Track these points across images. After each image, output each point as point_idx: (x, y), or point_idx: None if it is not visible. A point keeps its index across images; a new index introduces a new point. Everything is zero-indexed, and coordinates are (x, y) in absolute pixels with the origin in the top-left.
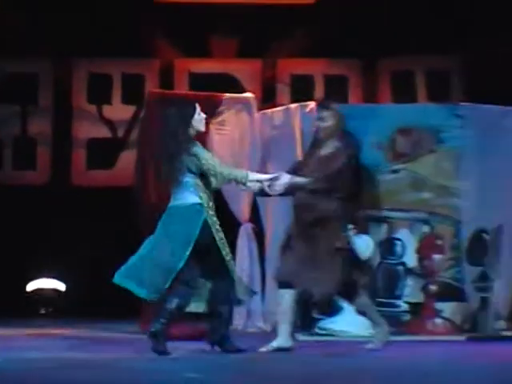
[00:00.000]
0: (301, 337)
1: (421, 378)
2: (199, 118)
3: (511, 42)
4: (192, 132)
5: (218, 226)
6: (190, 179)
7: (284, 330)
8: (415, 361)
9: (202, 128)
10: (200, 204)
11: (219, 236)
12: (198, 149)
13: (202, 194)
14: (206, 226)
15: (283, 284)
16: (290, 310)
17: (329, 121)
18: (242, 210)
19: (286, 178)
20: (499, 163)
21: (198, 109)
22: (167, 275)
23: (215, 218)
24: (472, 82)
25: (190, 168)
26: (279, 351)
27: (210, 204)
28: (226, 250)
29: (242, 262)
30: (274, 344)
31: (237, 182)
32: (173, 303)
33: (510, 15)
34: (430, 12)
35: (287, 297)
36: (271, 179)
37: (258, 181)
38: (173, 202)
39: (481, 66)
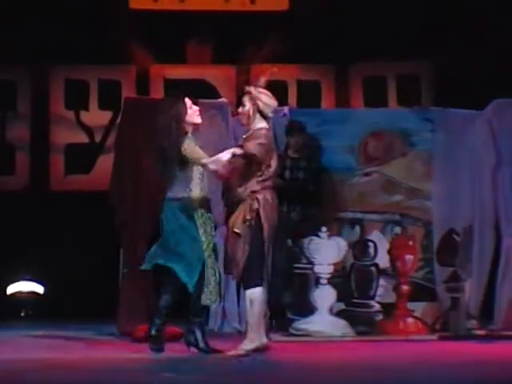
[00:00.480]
0: (276, 337)
1: (394, 376)
2: (192, 112)
3: (478, 49)
4: (187, 127)
5: (205, 220)
6: (180, 173)
7: (255, 330)
8: (388, 360)
9: (198, 120)
10: (188, 197)
11: (206, 233)
12: (187, 139)
13: (193, 188)
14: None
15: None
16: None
17: (247, 104)
18: (218, 213)
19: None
20: (468, 165)
21: (189, 103)
22: (198, 266)
23: (204, 211)
24: (441, 87)
25: (180, 160)
26: (253, 352)
27: (202, 197)
28: (208, 249)
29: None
30: (247, 345)
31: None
32: (163, 301)
33: (477, 22)
34: (401, 19)
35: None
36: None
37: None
38: (168, 195)
39: (449, 71)
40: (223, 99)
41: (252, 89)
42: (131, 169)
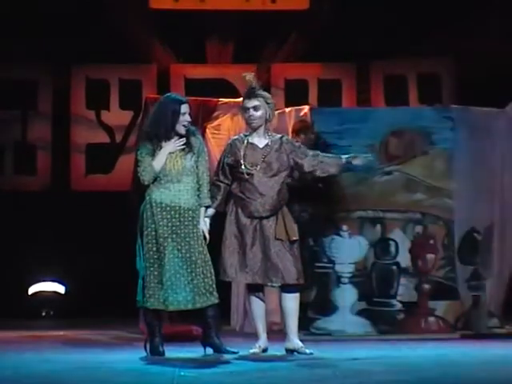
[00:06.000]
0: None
1: (415, 375)
2: (183, 119)
3: (499, 47)
4: (171, 133)
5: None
6: None
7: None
8: (410, 359)
9: (182, 131)
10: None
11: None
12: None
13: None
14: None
15: None
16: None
17: (262, 108)
18: None
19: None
20: (489, 164)
21: (185, 110)
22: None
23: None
24: (462, 85)
25: None
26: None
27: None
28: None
29: None
30: (261, 345)
31: None
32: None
33: (499, 20)
34: (422, 17)
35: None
36: None
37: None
38: None
39: (470, 69)
40: None
41: (265, 93)
42: None
